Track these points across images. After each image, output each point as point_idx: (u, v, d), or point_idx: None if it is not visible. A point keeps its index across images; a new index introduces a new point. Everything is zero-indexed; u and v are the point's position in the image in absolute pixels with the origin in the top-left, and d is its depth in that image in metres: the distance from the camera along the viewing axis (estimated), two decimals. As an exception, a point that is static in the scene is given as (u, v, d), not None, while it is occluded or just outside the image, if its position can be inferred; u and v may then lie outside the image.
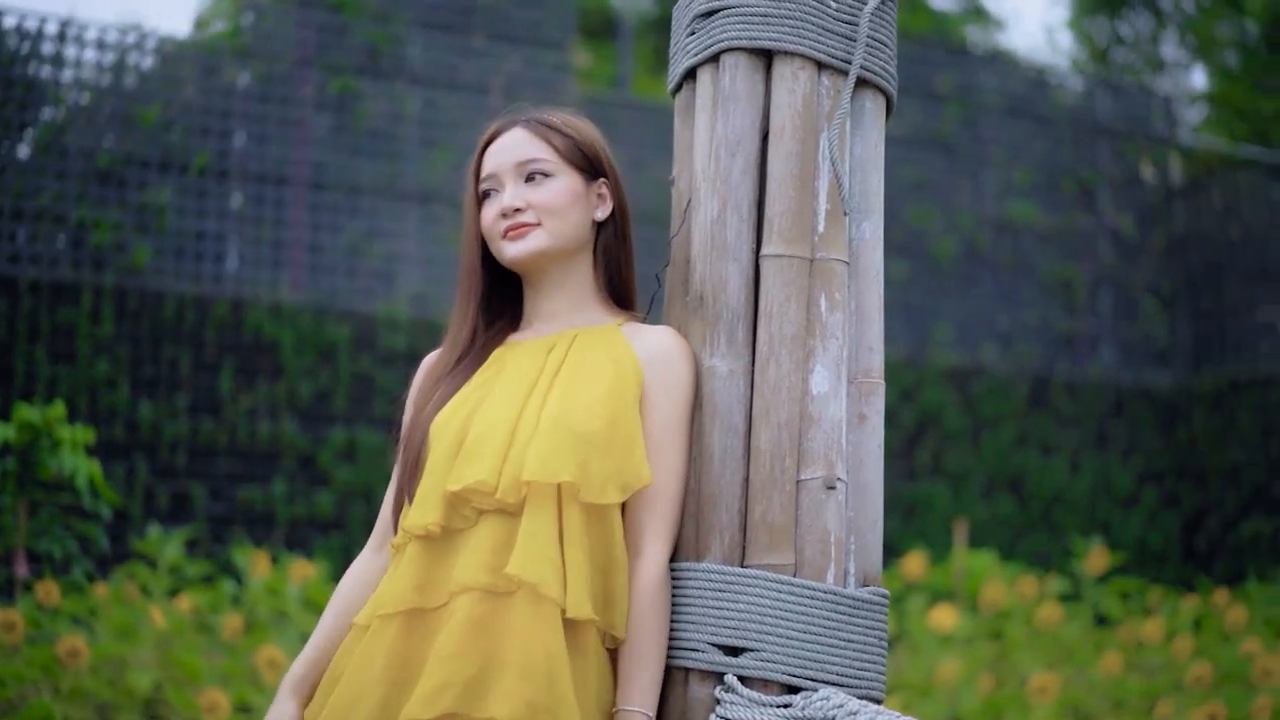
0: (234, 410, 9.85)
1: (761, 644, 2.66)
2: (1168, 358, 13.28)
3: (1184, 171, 13.84)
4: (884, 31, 2.90)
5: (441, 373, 2.96)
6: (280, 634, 7.67)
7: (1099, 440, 12.74)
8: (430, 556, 2.73)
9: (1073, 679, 8.31)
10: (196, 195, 10.24)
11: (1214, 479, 12.52)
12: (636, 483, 2.71)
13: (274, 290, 10.23)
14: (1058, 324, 12.96)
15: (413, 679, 2.66)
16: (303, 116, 10.64)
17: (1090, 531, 11.99)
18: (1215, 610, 10.01)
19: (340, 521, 9.93)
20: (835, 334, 2.77)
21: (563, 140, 2.91)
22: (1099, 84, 14.15)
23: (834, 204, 2.80)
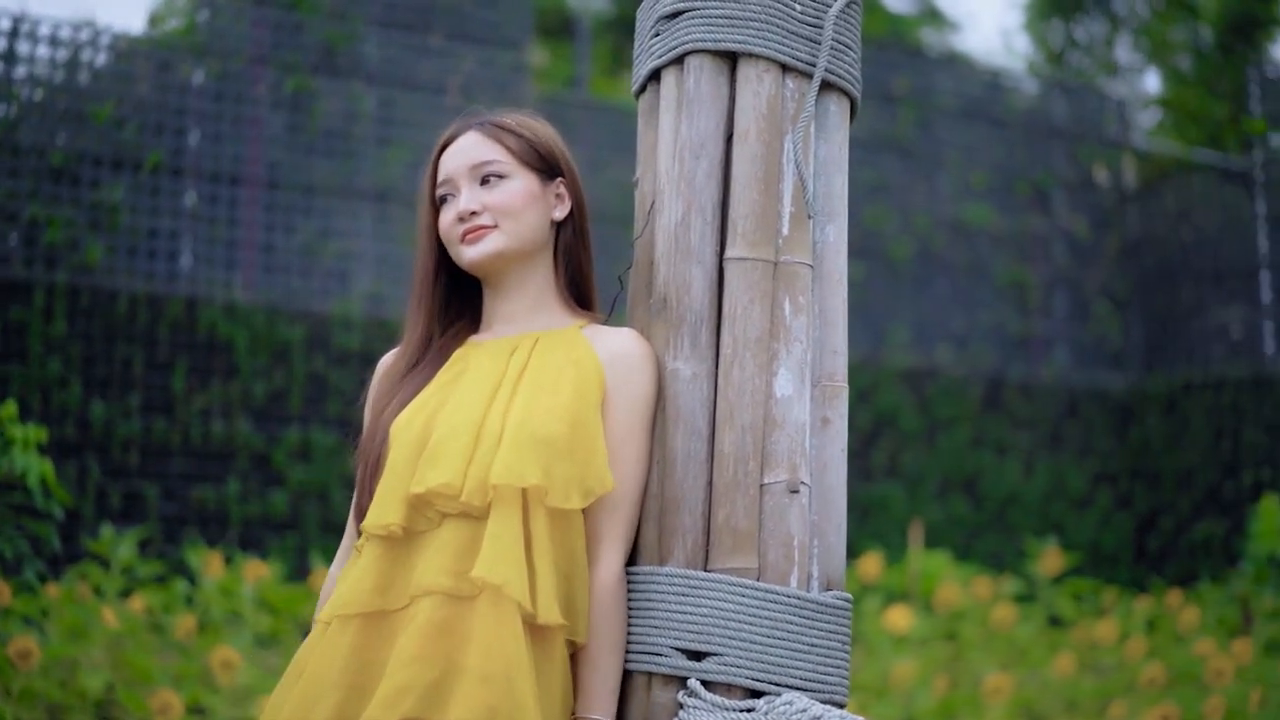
0: (187, 410, 9.79)
1: (725, 648, 2.65)
2: (1121, 360, 13.35)
3: (1138, 175, 13.93)
4: (848, 35, 2.90)
5: (399, 374, 2.95)
6: (234, 634, 7.63)
7: (1053, 441, 12.80)
8: (391, 558, 2.71)
9: (1027, 680, 8.34)
10: (150, 193, 10.17)
11: (1167, 480, 12.59)
12: (600, 488, 2.69)
13: (228, 289, 10.18)
14: (1012, 326, 13.02)
15: (372, 682, 2.64)
16: (257, 115, 10.59)
17: (1044, 532, 12.05)
18: (1168, 611, 10.07)
19: (295, 521, 9.88)
20: (799, 337, 2.76)
21: (517, 141, 2.90)
22: (1054, 87, 14.21)
23: (798, 207, 2.79)
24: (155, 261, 10.06)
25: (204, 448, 9.82)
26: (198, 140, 10.42)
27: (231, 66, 10.52)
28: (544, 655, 2.64)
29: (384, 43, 11.06)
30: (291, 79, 10.65)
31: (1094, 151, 13.56)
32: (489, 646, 2.57)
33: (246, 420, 9.95)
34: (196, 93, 10.45)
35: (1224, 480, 12.16)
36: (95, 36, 10.24)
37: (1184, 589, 11.16)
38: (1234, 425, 12.19)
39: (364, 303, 10.53)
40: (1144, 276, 13.51)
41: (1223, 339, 12.97)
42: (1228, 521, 11.97)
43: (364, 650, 2.67)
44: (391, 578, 2.70)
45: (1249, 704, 7.57)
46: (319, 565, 8.88)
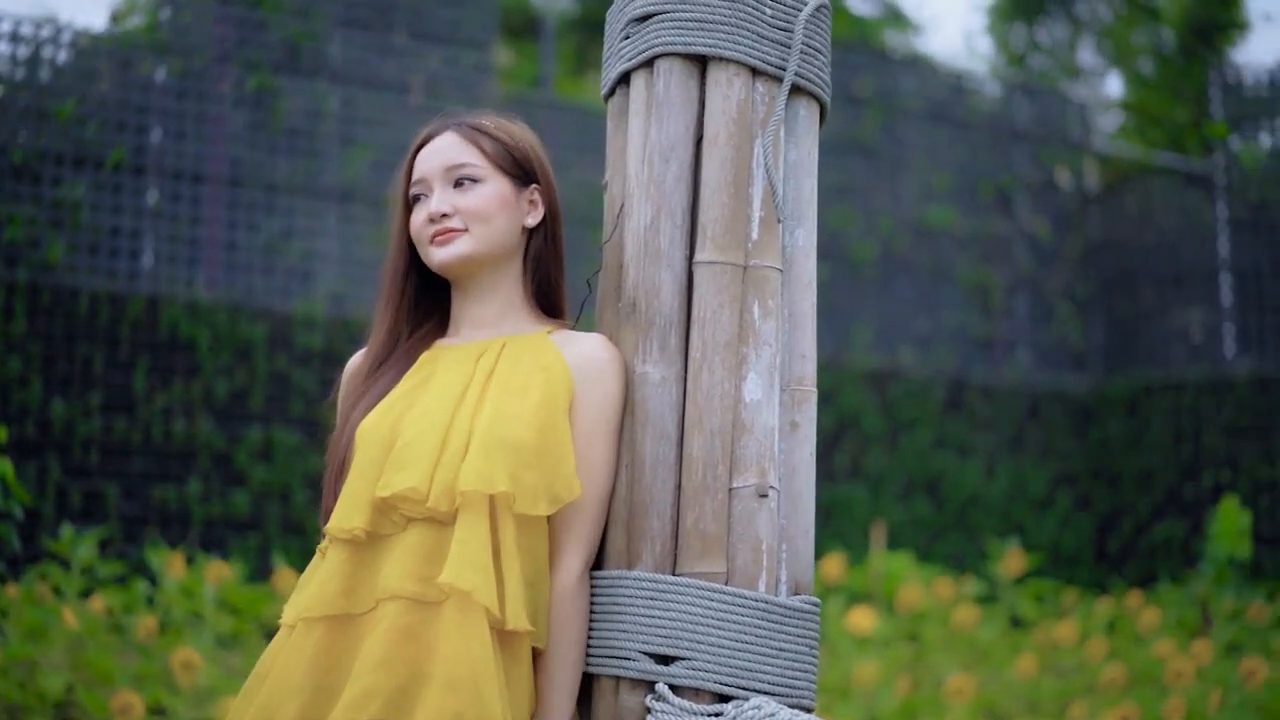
0: (148, 409, 9.74)
1: (693, 653, 2.65)
2: (1082, 362, 13.41)
3: (1100, 178, 13.99)
4: (818, 39, 2.90)
5: (365, 373, 2.94)
6: (195, 635, 7.60)
7: (1014, 443, 12.84)
8: (356, 561, 2.70)
9: (988, 681, 8.37)
10: (112, 191, 10.11)
11: (1127, 482, 12.65)
12: (567, 495, 2.69)
13: (190, 288, 10.13)
14: (974, 328, 13.06)
15: (337, 686, 2.64)
16: (220, 113, 10.54)
17: (1005, 533, 12.09)
18: (1128, 612, 10.12)
19: (256, 522, 9.84)
20: (768, 341, 2.76)
21: (493, 145, 2.89)
22: (1016, 90, 14.26)
23: (768, 211, 2.79)
24: (117, 260, 10.00)
25: (165, 447, 9.77)
26: (160, 138, 10.36)
27: (194, 64, 10.47)
28: (511, 661, 2.64)
29: (348, 42, 11.02)
30: (254, 77, 10.60)
31: (1056, 154, 13.62)
32: (456, 652, 2.56)
33: (208, 420, 9.90)
34: (159, 90, 10.39)
35: (1184, 482, 12.23)
36: (57, 33, 10.18)
37: (1144, 590, 11.23)
38: (1194, 427, 12.26)
39: (327, 302, 10.49)
40: (1105, 279, 13.58)
41: (1183, 341, 13.04)
42: (1187, 523, 12.04)
43: (329, 654, 2.66)
44: (357, 581, 2.69)
45: (1208, 705, 7.60)
46: (281, 566, 8.84)
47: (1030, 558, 10.65)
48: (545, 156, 2.98)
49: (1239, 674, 7.95)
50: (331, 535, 2.73)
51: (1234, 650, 9.34)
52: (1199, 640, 8.95)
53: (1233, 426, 12.02)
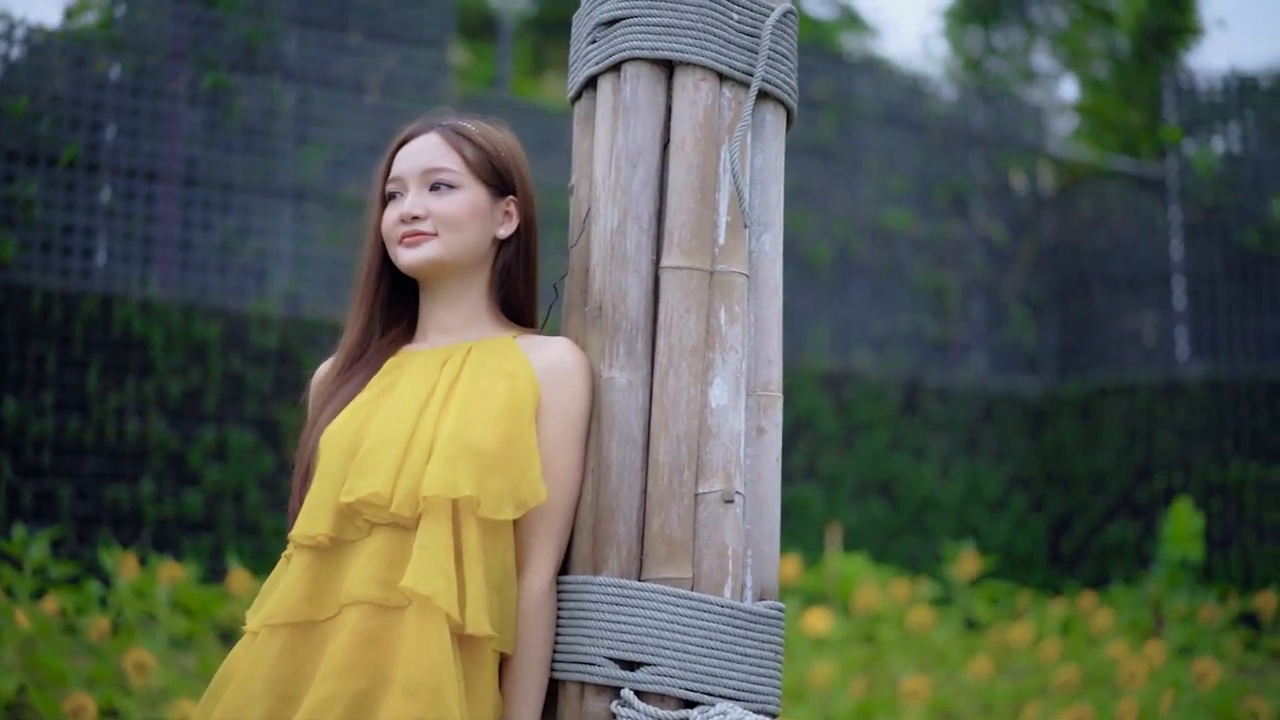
0: (102, 408, 9.67)
1: (659, 658, 2.64)
2: (1036, 364, 13.48)
3: (1054, 181, 14.06)
4: (785, 44, 2.89)
5: (334, 375, 2.93)
6: (148, 636, 7.55)
7: (969, 445, 12.89)
8: (320, 568, 2.70)
9: (943, 682, 8.39)
10: (65, 189, 10.04)
11: (1080, 484, 12.72)
12: (533, 500, 2.68)
13: (144, 287, 10.06)
14: (929, 330, 13.10)
15: (300, 692, 2.63)
16: (175, 111, 10.47)
17: (960, 535, 12.14)
18: (1081, 614, 10.17)
19: (210, 522, 9.79)
20: (735, 347, 2.76)
21: (475, 153, 2.87)
22: (972, 93, 14.31)
23: (734, 216, 2.79)
24: (70, 258, 9.93)
25: (118, 447, 9.70)
26: (114, 136, 10.29)
27: (149, 62, 10.40)
28: (474, 666, 2.63)
29: (303, 40, 10.97)
30: (210, 75, 10.54)
31: (1011, 157, 13.67)
32: (416, 657, 2.56)
33: (161, 419, 9.84)
34: (113, 88, 10.32)
35: (1136, 484, 12.30)
36: (10, 30, 10.10)
37: (1097, 591, 11.29)
38: (1146, 430, 12.33)
39: (281, 301, 10.45)
40: (1059, 282, 13.65)
41: (1136, 344, 13.12)
42: (1140, 525, 12.12)
43: (292, 660, 2.65)
44: (320, 587, 2.68)
45: (1161, 706, 7.65)
46: (235, 567, 8.80)
47: (985, 560, 10.69)
48: (527, 168, 2.96)
49: (1191, 675, 8.00)
50: (295, 542, 2.72)
51: (1186, 652, 9.41)
52: (1152, 641, 9.01)
53: (1185, 429, 12.10)
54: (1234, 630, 10.02)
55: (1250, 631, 10.12)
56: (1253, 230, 12.26)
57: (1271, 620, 10.09)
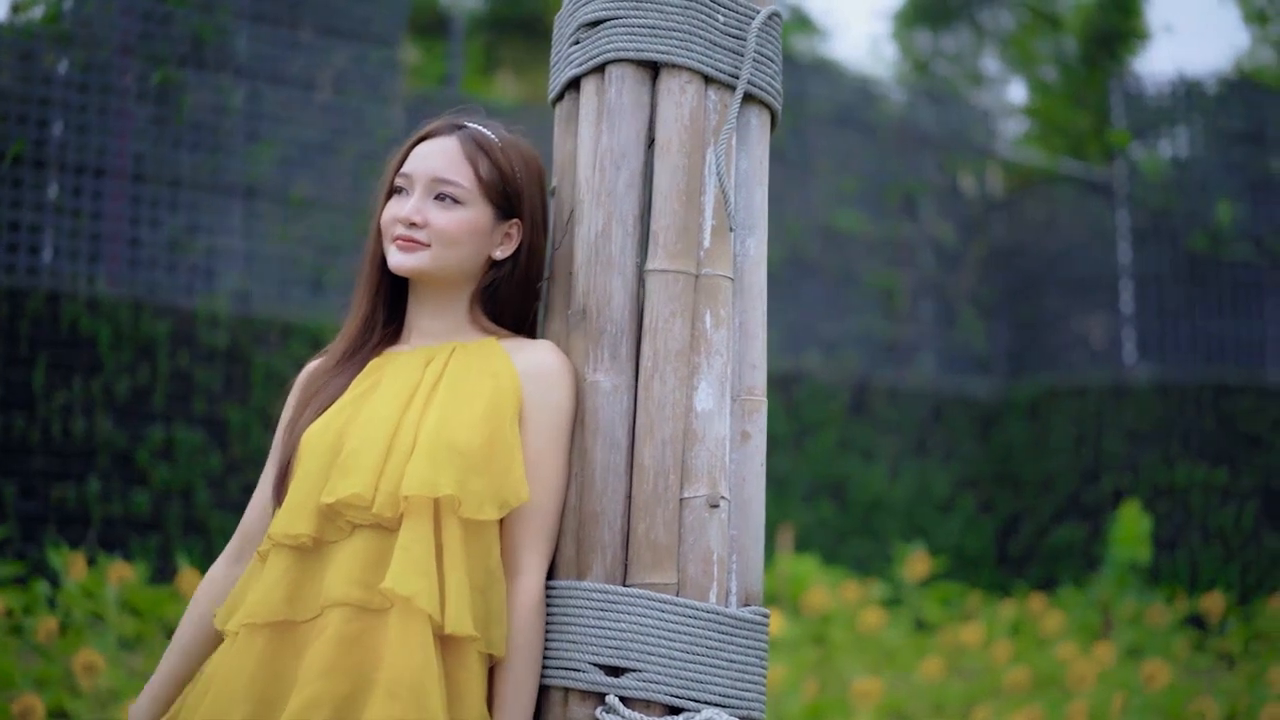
0: (47, 406, 9.57)
1: (644, 664, 2.63)
2: (986, 366, 13.53)
3: (1003, 184, 14.12)
4: (770, 47, 2.88)
5: (327, 368, 2.91)
6: (97, 637, 7.48)
7: (918, 446, 12.93)
8: (300, 568, 2.68)
9: (895, 683, 8.42)
10: (11, 184, 9.93)
11: (1028, 486, 12.78)
12: (515, 500, 2.66)
13: (91, 284, 9.96)
14: (880, 331, 13.13)
15: (281, 695, 2.62)
16: (124, 107, 10.37)
17: (909, 536, 12.17)
18: (1031, 615, 10.22)
19: (157, 522, 9.70)
20: (720, 351, 2.74)
21: (490, 171, 2.83)
22: (921, 96, 14.36)
23: (720, 220, 2.78)
24: (16, 254, 9.82)
25: (64, 445, 9.60)
26: (61, 131, 10.18)
27: (97, 57, 10.30)
28: (458, 666, 2.61)
29: (254, 36, 10.89)
30: (159, 70, 10.45)
31: (961, 160, 13.72)
32: (399, 659, 2.55)
33: (108, 418, 9.75)
34: (61, 83, 10.21)
35: (1084, 486, 12.37)
36: (-44, 23, 10.00)
37: (1045, 593, 11.34)
38: (1095, 432, 12.40)
39: (230, 299, 10.37)
40: (1008, 284, 13.71)
41: (1084, 347, 13.20)
42: (1088, 527, 12.18)
43: (273, 661, 2.64)
44: (300, 588, 2.67)
45: (1111, 708, 7.70)
46: (184, 566, 8.73)
47: (935, 561, 10.73)
48: (542, 187, 2.92)
49: (1140, 677, 8.07)
50: (276, 541, 2.70)
51: (1135, 653, 9.48)
52: (1101, 643, 9.07)
53: (1133, 432, 12.17)
54: (1182, 631, 10.10)
55: (1198, 633, 10.20)
56: (1200, 234, 12.36)
57: (1219, 622, 10.18)
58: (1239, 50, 20.16)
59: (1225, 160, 12.54)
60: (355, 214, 10.73)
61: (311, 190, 10.62)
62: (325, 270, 10.47)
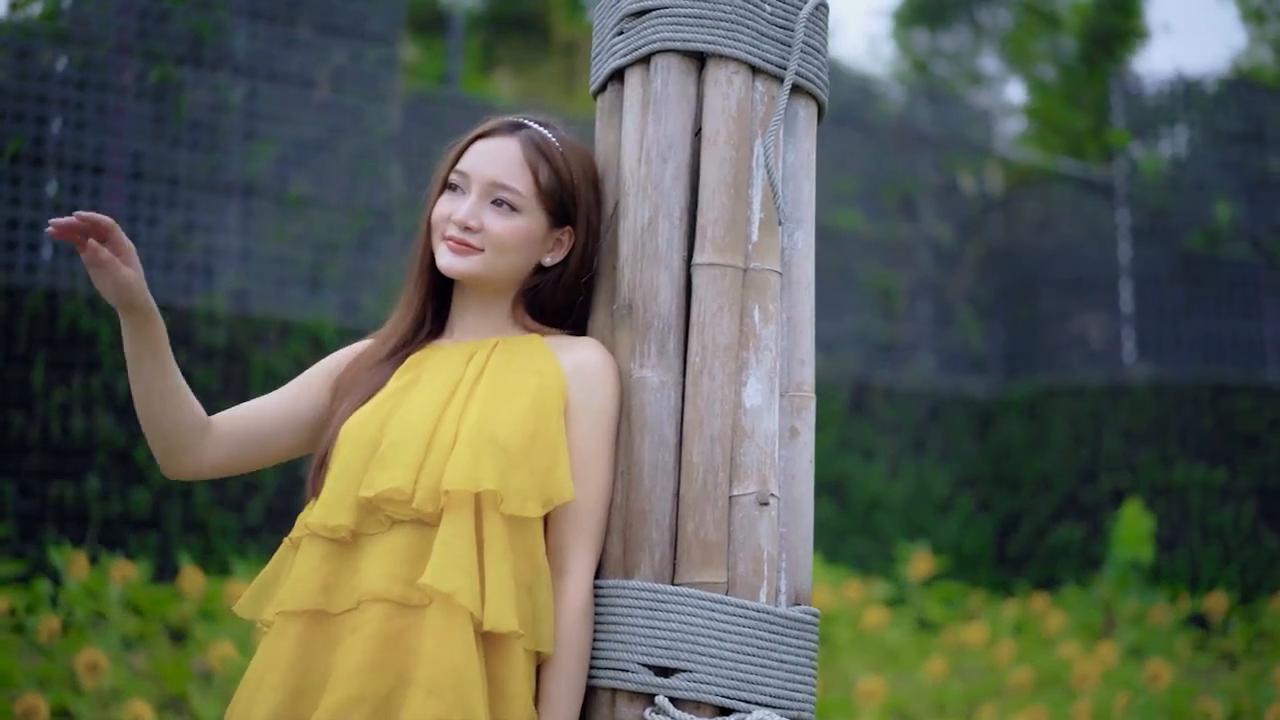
0: (46, 405, 9.53)
1: (694, 665, 2.59)
2: (984, 365, 13.51)
3: (1002, 183, 14.11)
4: (817, 38, 2.85)
5: (373, 358, 2.86)
6: (99, 636, 7.44)
7: (916, 446, 12.91)
8: (336, 559, 2.65)
9: (898, 683, 8.40)
10: (10, 182, 9.89)
11: (1027, 485, 12.77)
12: (559, 498, 2.63)
13: (90, 282, 9.91)
14: (878, 331, 13.11)
15: (313, 686, 2.59)
16: (122, 104, 10.33)
17: (908, 535, 12.15)
18: (1034, 615, 10.21)
19: (157, 520, 9.66)
20: (769, 346, 2.71)
21: (549, 178, 2.78)
22: (919, 95, 14.34)
23: (768, 213, 2.74)
24: (15, 252, 9.78)
25: (63, 444, 9.56)
26: (59, 129, 10.14)
27: (95, 54, 10.26)
28: (503, 664, 2.58)
29: (252, 34, 10.85)
30: (157, 69, 10.41)
31: (959, 159, 13.71)
32: (438, 656, 2.51)
33: (108, 416, 9.71)
34: (59, 80, 10.17)
35: (1082, 485, 12.36)
36: (-46, 21, 9.96)
37: (1046, 592, 11.33)
38: (1093, 431, 12.39)
39: (228, 298, 10.33)
40: (1006, 283, 13.70)
41: (1083, 346, 13.19)
42: (1086, 526, 12.17)
43: (306, 651, 2.62)
44: (335, 578, 2.64)
45: (1115, 708, 7.69)
46: (187, 565, 8.69)
47: (939, 560, 10.71)
48: (599, 192, 2.87)
49: (1143, 677, 8.06)
50: (312, 531, 2.67)
51: (1137, 653, 9.47)
52: (1103, 643, 9.06)
53: (1131, 430, 12.17)
54: (1184, 631, 10.09)
55: (1200, 632, 10.19)
56: (1199, 234, 12.35)
57: (1221, 621, 10.18)
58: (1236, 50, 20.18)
59: (1223, 160, 12.53)
60: (353, 212, 10.70)
61: (309, 189, 10.59)
62: (323, 269, 10.44)
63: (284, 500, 10.00)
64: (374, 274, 10.69)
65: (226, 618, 8.01)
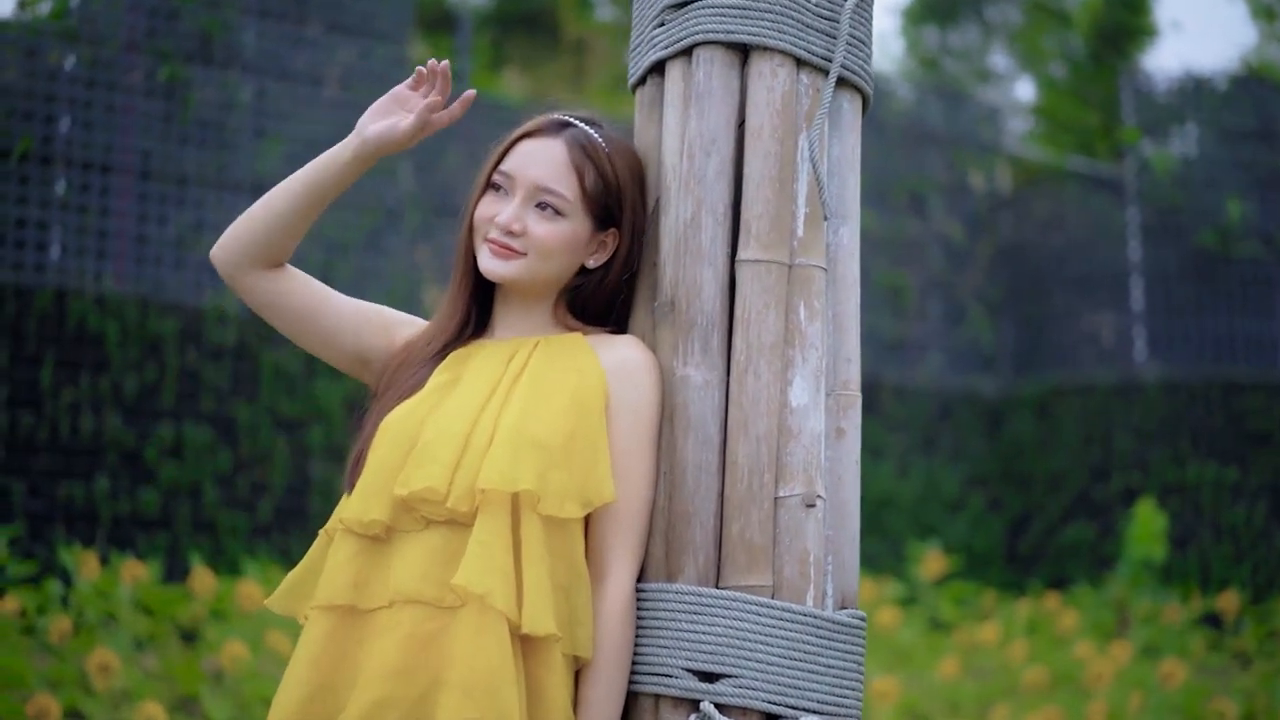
0: (55, 404, 9.50)
1: (740, 670, 2.54)
2: (994, 364, 13.48)
3: (1011, 181, 14.08)
4: (862, 29, 2.79)
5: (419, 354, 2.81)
6: (110, 637, 7.41)
7: (926, 444, 12.87)
8: (368, 555, 2.62)
9: (911, 683, 8.37)
10: (18, 181, 9.86)
11: (1037, 484, 12.73)
12: (599, 499, 2.58)
13: (99, 281, 9.90)
14: (887, 329, 13.08)
15: (342, 682, 2.57)
16: (130, 103, 10.31)
17: (919, 534, 12.12)
18: (1047, 614, 10.18)
19: (166, 520, 9.63)
20: (814, 344, 2.65)
21: (595, 181, 2.73)
22: (929, 92, 14.31)
23: (813, 208, 2.69)
24: (23, 252, 9.76)
25: (72, 444, 9.53)
26: (68, 128, 10.12)
27: (104, 53, 10.23)
28: (541, 667, 2.54)
29: (261, 32, 10.83)
30: (166, 67, 10.38)
31: (969, 157, 13.67)
32: (472, 659, 2.47)
33: (117, 416, 9.68)
34: (67, 79, 10.15)
35: (1093, 484, 12.32)
36: (-38, 19, 9.94)
37: (1059, 591, 11.29)
38: (1104, 430, 12.35)
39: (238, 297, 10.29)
40: (1017, 281, 13.66)
41: (1093, 344, 13.15)
42: (1097, 525, 12.13)
43: (335, 646, 2.59)
44: (368, 575, 2.61)
45: (1129, 707, 7.66)
46: (197, 565, 8.67)
47: (951, 560, 10.68)
48: (644, 192, 2.81)
49: (1157, 676, 8.02)
50: (346, 526, 2.63)
51: (1151, 652, 9.43)
52: (1117, 642, 9.03)
53: (1142, 429, 12.13)
54: (1197, 630, 10.05)
55: (1213, 632, 10.15)
56: (1209, 231, 12.31)
57: (1233, 621, 10.14)
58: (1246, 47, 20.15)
59: (1234, 157, 12.50)
60: (363, 211, 10.68)
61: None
62: (333, 267, 10.41)
63: (293, 499, 9.98)
64: (383, 272, 10.67)
65: (237, 618, 7.99)
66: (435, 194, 11.25)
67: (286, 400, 10.08)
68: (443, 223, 11.12)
